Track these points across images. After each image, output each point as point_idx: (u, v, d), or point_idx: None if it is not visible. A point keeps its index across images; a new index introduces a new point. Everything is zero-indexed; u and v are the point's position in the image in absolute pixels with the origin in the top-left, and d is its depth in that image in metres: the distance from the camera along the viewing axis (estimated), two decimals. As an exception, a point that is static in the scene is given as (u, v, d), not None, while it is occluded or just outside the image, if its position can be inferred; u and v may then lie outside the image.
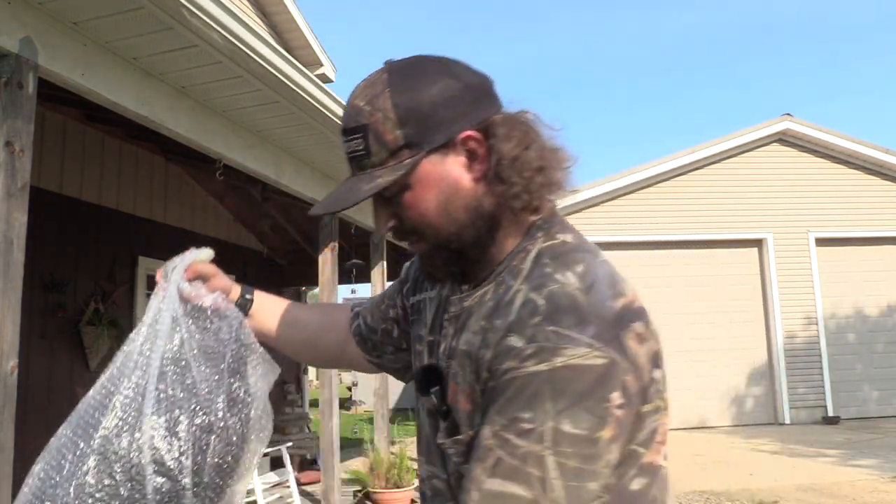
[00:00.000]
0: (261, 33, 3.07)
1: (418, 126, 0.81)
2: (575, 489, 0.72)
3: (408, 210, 0.84)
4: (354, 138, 0.83)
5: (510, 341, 0.76)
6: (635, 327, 0.77)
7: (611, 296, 0.78)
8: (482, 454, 0.75)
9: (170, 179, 6.59)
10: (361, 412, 15.50)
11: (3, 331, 2.18)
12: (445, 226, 0.84)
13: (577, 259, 0.81)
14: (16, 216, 2.26)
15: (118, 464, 0.86)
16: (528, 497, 0.71)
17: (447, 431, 0.86)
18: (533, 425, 0.72)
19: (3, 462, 2.15)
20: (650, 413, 0.80)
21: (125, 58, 2.92)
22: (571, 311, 0.75)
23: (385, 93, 0.82)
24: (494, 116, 0.84)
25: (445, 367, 0.88)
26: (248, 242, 7.93)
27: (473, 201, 0.84)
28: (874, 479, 6.19)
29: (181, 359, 0.92)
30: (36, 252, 4.78)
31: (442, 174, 0.83)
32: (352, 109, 0.84)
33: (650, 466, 0.82)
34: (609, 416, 0.73)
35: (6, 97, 2.30)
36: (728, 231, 10.95)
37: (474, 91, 0.85)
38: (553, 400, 0.72)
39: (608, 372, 0.73)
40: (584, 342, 0.73)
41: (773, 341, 10.78)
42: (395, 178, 0.81)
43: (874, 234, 11.17)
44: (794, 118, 11.17)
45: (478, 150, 0.83)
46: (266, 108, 3.64)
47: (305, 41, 8.75)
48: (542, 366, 0.73)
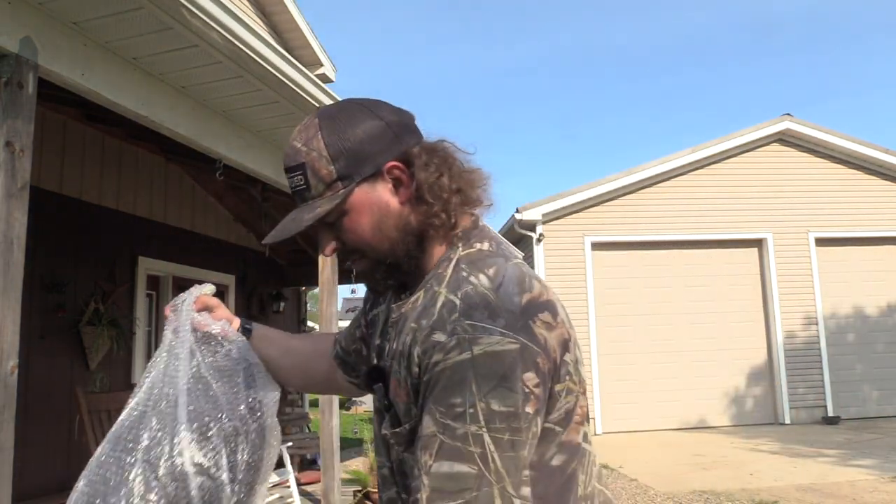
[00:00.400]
0: (261, 33, 3.07)
1: (348, 161, 0.94)
2: (512, 459, 0.82)
3: (347, 233, 0.97)
4: (295, 175, 0.96)
5: (435, 337, 0.87)
6: (542, 317, 0.88)
7: (517, 292, 0.89)
8: (426, 442, 0.84)
9: (170, 179, 6.59)
10: (361, 412, 15.51)
11: (3, 331, 2.18)
12: (380, 244, 0.97)
13: (489, 263, 0.93)
14: (16, 216, 2.26)
15: (162, 468, 0.97)
16: (474, 473, 0.81)
17: (389, 423, 0.96)
18: (464, 408, 0.82)
19: (3, 462, 2.15)
20: (562, 393, 0.90)
21: (125, 58, 2.92)
22: (483, 307, 0.87)
23: (317, 135, 0.95)
24: (414, 148, 0.97)
25: (388, 366, 0.98)
26: (248, 242, 7.93)
27: (402, 221, 0.97)
28: (874, 479, 6.19)
29: (202, 377, 1.06)
30: (36, 252, 4.79)
31: (373, 200, 0.96)
32: (291, 150, 0.97)
33: (569, 445, 0.92)
34: (529, 393, 0.84)
35: (6, 97, 2.30)
36: (728, 231, 10.95)
37: (395, 127, 0.97)
38: (478, 383, 0.82)
39: (521, 355, 0.84)
40: (496, 331, 0.84)
41: (773, 341, 10.78)
42: (332, 207, 0.94)
43: (874, 234, 11.18)
44: (794, 118, 11.17)
45: (402, 178, 0.96)
46: (266, 108, 3.63)
47: (305, 41, 8.75)
48: (464, 355, 0.84)
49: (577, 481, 0.94)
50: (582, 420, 0.95)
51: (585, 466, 0.96)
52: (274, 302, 8.37)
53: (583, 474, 0.96)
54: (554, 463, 0.91)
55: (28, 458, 4.53)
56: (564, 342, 0.91)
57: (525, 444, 0.84)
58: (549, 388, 0.88)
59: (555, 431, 0.91)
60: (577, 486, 0.95)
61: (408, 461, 0.94)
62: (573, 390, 0.92)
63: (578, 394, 0.94)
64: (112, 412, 4.86)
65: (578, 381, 0.94)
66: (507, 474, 0.82)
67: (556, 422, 0.91)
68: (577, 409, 0.93)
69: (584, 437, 0.95)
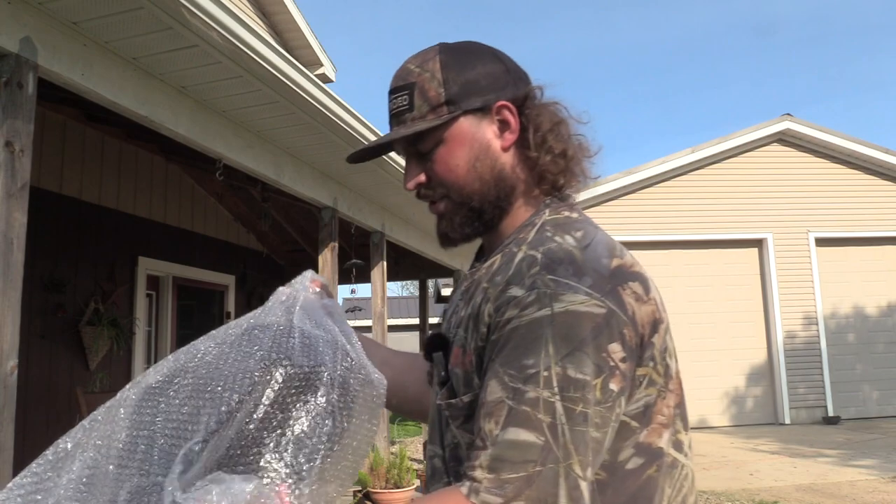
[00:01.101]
0: (261, 33, 3.07)
1: (460, 88, 0.89)
2: (583, 435, 0.73)
3: (438, 165, 0.91)
4: (400, 95, 0.91)
5: (510, 292, 0.79)
6: (632, 286, 0.80)
7: (607, 255, 0.81)
8: (491, 409, 0.75)
9: (170, 179, 6.59)
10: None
11: (3, 331, 2.18)
12: (470, 183, 0.90)
13: (577, 227, 0.86)
14: (16, 216, 2.26)
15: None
16: (540, 444, 0.72)
17: (446, 396, 0.88)
18: (537, 370, 0.73)
19: (3, 462, 2.15)
20: (642, 380, 0.80)
21: (125, 58, 2.92)
22: (568, 263, 0.78)
23: (436, 58, 0.91)
24: (529, 96, 0.92)
25: (453, 335, 0.91)
26: (248, 242, 7.93)
27: (498, 166, 0.91)
28: (874, 479, 6.19)
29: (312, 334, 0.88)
30: (36, 252, 4.79)
31: (475, 135, 0.90)
32: (402, 71, 0.92)
33: (649, 448, 0.81)
34: (614, 367, 0.75)
35: (6, 97, 2.30)
36: (728, 231, 10.95)
37: (515, 74, 0.93)
38: (555, 344, 0.73)
39: (607, 321, 0.75)
40: (582, 290, 0.76)
41: (773, 341, 10.78)
42: (432, 126, 0.89)
43: (874, 234, 11.17)
44: (794, 118, 11.17)
45: (510, 121, 0.90)
46: (266, 108, 3.63)
47: (305, 41, 8.75)
48: (543, 311, 0.75)
49: (657, 493, 0.82)
50: (668, 423, 0.83)
51: (675, 480, 0.84)
52: (274, 302, 8.37)
53: (669, 488, 0.83)
54: (628, 466, 0.80)
55: (28, 458, 4.49)
56: (655, 322, 0.81)
57: (600, 422, 0.74)
58: (633, 368, 0.78)
59: (630, 427, 0.80)
60: (657, 499, 0.82)
61: (462, 445, 0.86)
62: (655, 382, 0.81)
63: (663, 389, 0.82)
64: (112, 412, 4.86)
65: (663, 374, 0.82)
66: (576, 451, 0.72)
67: (633, 416, 0.80)
68: (660, 408, 0.82)
69: (673, 444, 0.84)
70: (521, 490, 0.71)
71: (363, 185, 5.16)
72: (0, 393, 2.14)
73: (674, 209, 10.84)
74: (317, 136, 4.09)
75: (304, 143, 4.21)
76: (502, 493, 0.71)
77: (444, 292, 13.37)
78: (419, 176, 0.93)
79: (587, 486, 0.73)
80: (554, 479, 0.71)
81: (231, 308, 7.44)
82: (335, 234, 4.86)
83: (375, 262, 5.75)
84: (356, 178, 4.98)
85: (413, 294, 27.08)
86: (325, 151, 4.38)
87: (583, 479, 0.72)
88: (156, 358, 6.31)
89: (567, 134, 0.93)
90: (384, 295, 5.75)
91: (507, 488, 0.71)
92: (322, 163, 4.61)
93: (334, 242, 4.84)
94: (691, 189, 11.01)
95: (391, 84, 0.93)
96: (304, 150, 4.32)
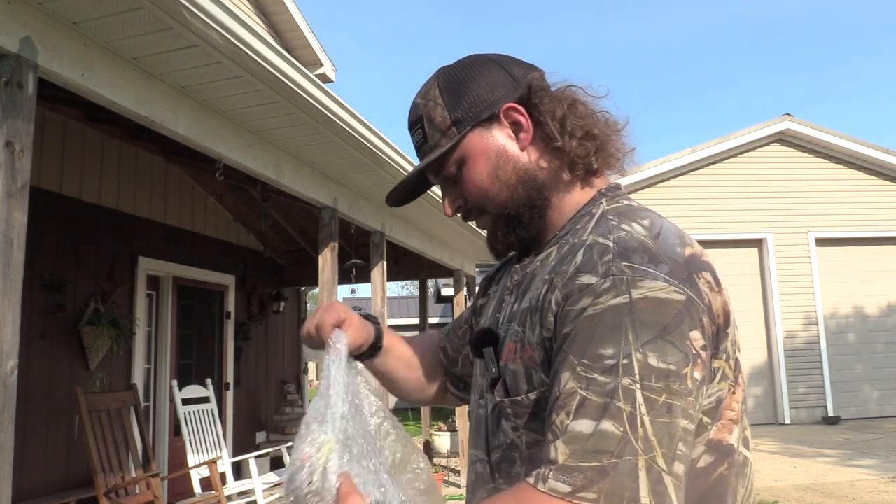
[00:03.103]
0: (261, 33, 3.07)
1: (463, 106, 0.90)
2: (666, 426, 0.68)
3: (467, 183, 0.92)
4: (415, 131, 0.94)
5: (581, 280, 0.75)
6: (705, 275, 0.78)
7: (679, 244, 0.79)
8: (562, 401, 0.71)
9: (170, 179, 6.59)
10: (361, 412, 15.48)
11: (3, 331, 2.18)
12: (498, 192, 0.90)
13: (641, 215, 0.83)
14: (16, 216, 2.26)
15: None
16: (618, 434, 0.67)
17: (503, 392, 0.85)
18: (616, 360, 0.69)
19: (3, 462, 2.15)
20: (717, 373, 0.77)
21: (125, 58, 2.92)
22: (643, 251, 0.75)
23: (434, 85, 0.93)
24: (536, 89, 0.90)
25: (504, 330, 0.88)
26: (248, 242, 7.93)
27: (521, 167, 0.90)
28: (874, 479, 6.19)
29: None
30: (36, 252, 4.79)
31: (489, 145, 0.90)
32: (412, 108, 0.96)
33: (720, 445, 0.78)
34: (696, 355, 0.72)
35: (6, 97, 2.30)
36: (728, 231, 10.95)
37: (516, 73, 0.92)
38: (635, 332, 0.70)
39: (687, 308, 0.72)
40: (661, 277, 0.73)
41: (773, 341, 10.78)
42: (446, 150, 0.90)
43: (874, 234, 11.18)
44: (794, 118, 11.17)
45: (521, 121, 0.90)
46: (266, 108, 3.63)
47: (305, 41, 8.75)
48: (620, 298, 0.71)
49: (729, 492, 0.79)
50: (737, 419, 0.80)
51: (747, 479, 0.81)
52: (274, 302, 8.37)
53: (743, 488, 0.81)
54: (699, 465, 0.76)
55: (28, 458, 4.54)
56: (727, 314, 0.80)
57: (686, 413, 0.70)
58: (710, 359, 0.75)
59: (702, 423, 0.76)
60: (729, 499, 0.79)
61: (521, 445, 0.82)
62: (727, 377, 0.79)
63: (733, 384, 0.80)
64: (112, 411, 4.86)
65: (734, 368, 0.80)
66: (659, 444, 0.67)
67: (706, 411, 0.76)
68: (730, 403, 0.79)
69: (743, 442, 0.81)
70: (594, 481, 0.66)
71: (363, 184, 5.16)
72: (0, 393, 2.14)
73: (674, 209, 10.84)
74: (317, 136, 4.09)
75: (304, 143, 4.20)
76: (571, 482, 0.66)
77: (444, 292, 13.36)
78: (456, 200, 0.95)
79: (673, 481, 0.67)
80: (632, 473, 0.66)
81: (231, 308, 7.44)
82: (335, 234, 4.86)
83: (375, 262, 5.75)
84: (356, 178, 4.98)
85: (413, 294, 27.07)
86: (325, 151, 4.38)
87: (668, 473, 0.67)
88: (156, 358, 6.31)
89: (586, 112, 0.90)
90: (384, 295, 5.75)
91: (576, 476, 0.66)
92: (322, 163, 4.61)
93: (334, 242, 4.84)
94: (691, 189, 11.01)
95: (408, 123, 0.97)
96: (303, 150, 4.32)
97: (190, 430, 5.66)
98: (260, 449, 6.79)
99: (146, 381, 6.16)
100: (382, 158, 4.47)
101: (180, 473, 5.46)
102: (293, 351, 9.16)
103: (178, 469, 5.76)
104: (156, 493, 4.75)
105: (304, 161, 4.52)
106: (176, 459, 6.17)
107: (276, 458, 6.73)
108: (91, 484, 4.56)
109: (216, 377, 7.05)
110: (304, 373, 9.51)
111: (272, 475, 5.85)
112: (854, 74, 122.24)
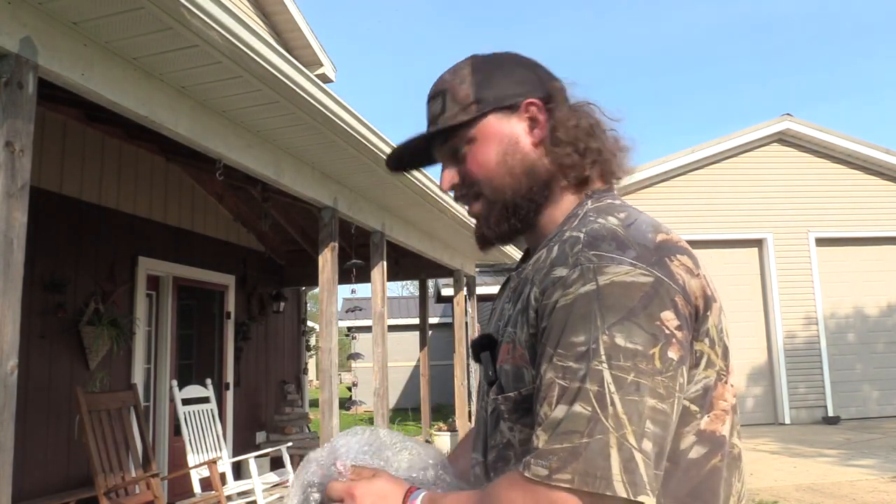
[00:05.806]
0: (261, 33, 3.07)
1: (489, 88, 0.93)
2: (635, 404, 0.69)
3: (470, 163, 0.94)
4: (435, 101, 0.96)
5: (555, 273, 0.78)
6: (681, 258, 0.79)
7: (651, 230, 0.81)
8: (544, 393, 0.74)
9: (170, 179, 6.59)
10: (361, 412, 15.50)
11: (3, 331, 2.18)
12: (501, 176, 0.92)
13: (619, 210, 0.86)
14: (16, 216, 2.26)
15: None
16: (587, 414, 0.69)
17: (497, 392, 0.87)
18: (587, 346, 0.72)
19: (3, 462, 2.15)
20: (701, 358, 0.78)
21: (125, 58, 2.92)
22: (611, 239, 0.78)
23: (467, 66, 0.96)
24: (559, 97, 0.95)
25: (501, 334, 0.90)
26: (248, 242, 7.93)
27: (529, 162, 0.92)
28: (874, 479, 6.19)
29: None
30: (36, 252, 4.79)
31: (504, 131, 0.93)
32: (437, 81, 0.98)
33: (712, 435, 0.79)
34: (670, 335, 0.73)
35: (6, 97, 2.30)
36: (728, 231, 10.95)
37: (543, 75, 0.97)
38: (602, 316, 0.72)
39: (656, 290, 0.74)
40: (626, 262, 0.75)
41: (773, 341, 10.78)
42: (461, 122, 0.92)
43: (874, 234, 11.17)
44: (794, 118, 11.17)
45: (538, 117, 0.93)
46: (266, 108, 3.63)
47: (305, 41, 8.75)
48: (588, 286, 0.74)
49: (722, 484, 0.79)
50: (727, 409, 0.81)
51: (741, 472, 0.82)
52: (274, 302, 8.37)
53: (738, 481, 0.81)
54: (691, 455, 0.77)
55: (28, 457, 4.53)
56: (707, 297, 0.79)
57: (655, 392, 0.70)
58: (689, 339, 0.76)
59: (690, 412, 0.77)
60: (723, 492, 0.79)
61: (514, 443, 0.83)
62: (714, 363, 0.80)
63: (723, 372, 0.81)
64: (112, 411, 4.87)
65: (722, 356, 0.81)
66: (629, 421, 0.68)
67: (692, 399, 0.77)
68: (721, 392, 0.80)
69: (731, 432, 0.81)
70: (567, 462, 0.68)
71: (363, 184, 5.16)
72: (0, 393, 2.14)
73: (674, 209, 10.84)
74: (317, 136, 4.09)
75: (304, 143, 4.21)
76: (546, 465, 0.69)
77: (444, 292, 13.35)
78: (453, 176, 0.97)
79: (643, 458, 0.68)
80: (603, 451, 0.68)
81: (231, 308, 7.44)
82: (335, 234, 4.86)
83: (375, 262, 5.75)
84: (356, 178, 4.98)
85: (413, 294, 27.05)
86: (325, 151, 4.38)
87: (637, 450, 0.68)
88: (156, 358, 6.31)
89: (593, 129, 0.93)
90: (384, 295, 5.76)
91: (551, 459, 0.69)
92: (322, 163, 4.61)
93: (334, 242, 4.84)
94: (691, 189, 11.01)
95: (428, 93, 0.99)
96: (303, 150, 4.32)
97: (190, 430, 5.66)
98: (260, 449, 6.80)
99: (146, 381, 6.16)
100: (382, 158, 4.47)
101: (180, 473, 5.46)
102: (293, 351, 9.16)
103: (178, 469, 5.76)
104: (156, 493, 4.75)
105: (305, 161, 4.52)
106: (176, 459, 6.17)
107: (276, 458, 6.73)
108: (91, 484, 4.57)
109: (216, 377, 7.05)
110: (304, 373, 9.51)
111: (272, 475, 5.85)
112: (854, 74, 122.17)
